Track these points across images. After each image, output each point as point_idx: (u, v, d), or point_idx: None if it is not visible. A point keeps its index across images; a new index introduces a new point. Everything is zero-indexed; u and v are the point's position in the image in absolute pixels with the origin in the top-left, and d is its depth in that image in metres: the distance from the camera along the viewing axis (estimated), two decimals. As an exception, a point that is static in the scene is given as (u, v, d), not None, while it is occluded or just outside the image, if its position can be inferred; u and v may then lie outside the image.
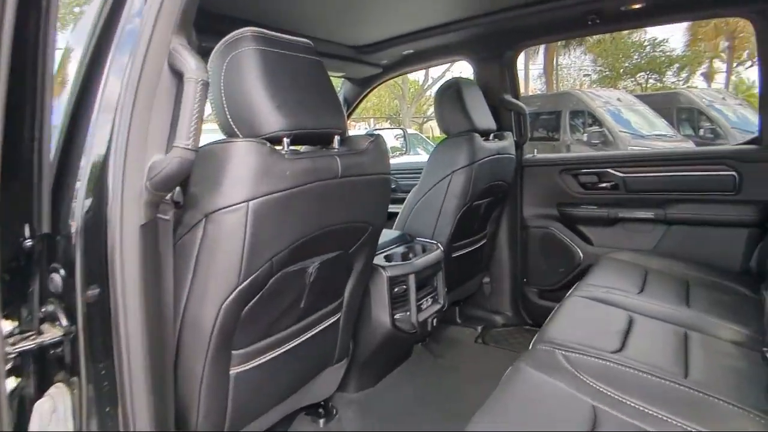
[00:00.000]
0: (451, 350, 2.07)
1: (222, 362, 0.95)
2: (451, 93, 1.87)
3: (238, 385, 0.99)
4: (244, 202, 0.81)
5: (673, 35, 30.88)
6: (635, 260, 1.87)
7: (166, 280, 0.78)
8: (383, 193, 1.16)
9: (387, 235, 1.75)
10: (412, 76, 18.19)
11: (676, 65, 18.90)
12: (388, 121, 19.56)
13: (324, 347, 1.23)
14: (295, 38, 0.97)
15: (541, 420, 0.89)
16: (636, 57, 19.26)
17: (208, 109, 0.78)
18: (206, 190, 0.82)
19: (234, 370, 0.98)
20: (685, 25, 18.45)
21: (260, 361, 1.03)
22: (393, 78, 2.74)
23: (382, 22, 1.98)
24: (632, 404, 0.91)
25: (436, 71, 16.55)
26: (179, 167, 0.68)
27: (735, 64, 18.06)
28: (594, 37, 18.72)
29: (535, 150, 2.37)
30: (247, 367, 1.00)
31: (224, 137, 0.89)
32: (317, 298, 1.13)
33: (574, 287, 1.59)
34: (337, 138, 1.05)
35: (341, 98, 2.73)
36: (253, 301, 0.93)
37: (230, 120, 0.89)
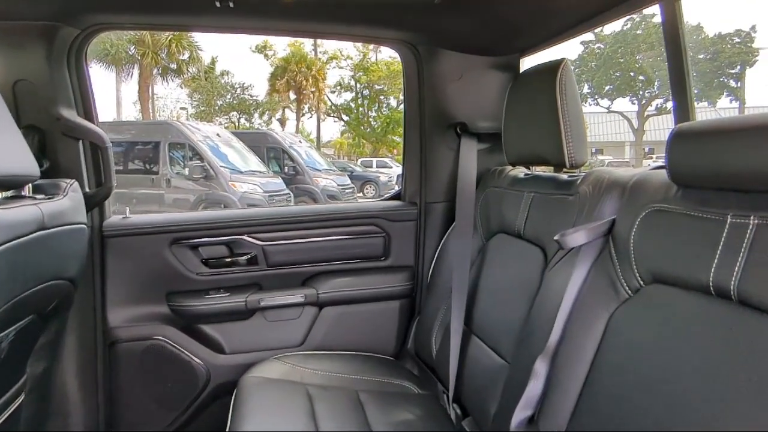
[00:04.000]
0: None
1: None
2: None
3: None
4: None
5: (257, 83, 35.09)
6: (288, 374, 1.29)
7: None
8: None
9: None
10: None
11: (260, 109, 21.32)
12: None
13: None
14: None
15: None
16: (229, 97, 20.56)
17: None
18: None
19: None
20: (266, 75, 21.15)
21: None
22: None
23: None
24: None
25: None
26: None
27: (301, 115, 21.99)
28: (190, 71, 18.89)
29: (128, 208, 1.42)
30: None
31: None
32: None
33: None
34: None
35: None
36: None
37: None
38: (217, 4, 1.09)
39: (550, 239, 0.93)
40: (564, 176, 1.09)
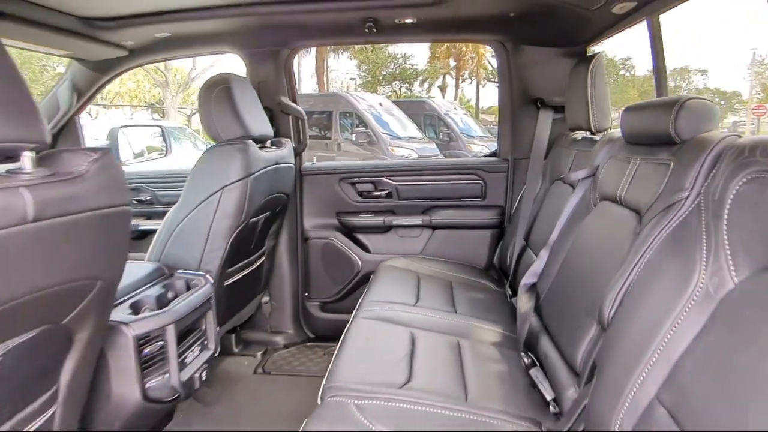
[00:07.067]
0: (227, 392, 1.80)
1: None
2: (221, 92, 1.57)
3: None
4: None
5: (417, 52, 35.83)
6: (408, 266, 1.97)
7: None
8: (117, 234, 0.83)
9: (135, 270, 1.36)
10: (176, 63, 16.19)
11: (421, 78, 22.09)
12: (150, 110, 17.06)
13: None
14: None
15: None
16: (392, 67, 21.85)
17: None
18: None
19: None
20: (426, 44, 21.71)
21: None
22: (146, 64, 2.25)
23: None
24: None
25: (205, 60, 15.21)
26: None
27: (461, 81, 22.13)
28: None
29: (314, 158, 2.27)
30: None
31: None
32: (11, 396, 0.75)
33: (358, 306, 1.55)
34: (28, 155, 0.66)
35: (68, 84, 2.10)
36: None
37: None
38: (366, 30, 1.78)
39: (576, 180, 1.41)
40: (597, 137, 1.53)
